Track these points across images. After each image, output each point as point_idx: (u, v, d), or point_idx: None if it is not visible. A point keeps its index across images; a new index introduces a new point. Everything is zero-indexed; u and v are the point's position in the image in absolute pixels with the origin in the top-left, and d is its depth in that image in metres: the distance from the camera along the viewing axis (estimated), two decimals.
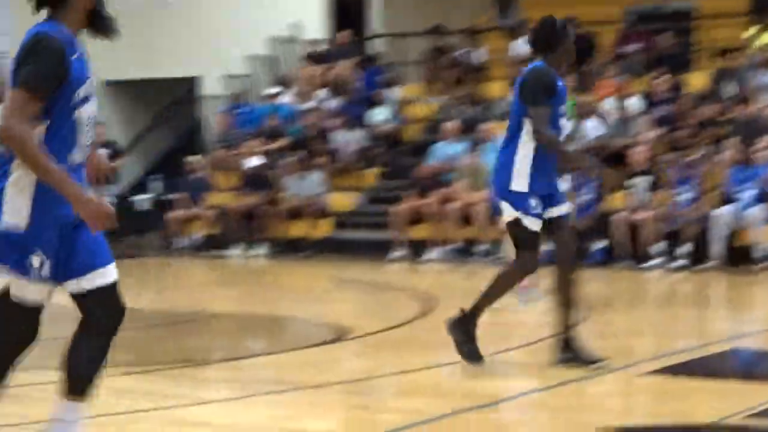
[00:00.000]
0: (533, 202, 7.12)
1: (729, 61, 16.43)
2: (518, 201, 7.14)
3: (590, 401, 6.85)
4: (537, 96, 7.11)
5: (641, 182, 14.56)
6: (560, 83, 7.28)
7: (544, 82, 7.17)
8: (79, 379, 4.63)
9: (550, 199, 7.26)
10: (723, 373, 7.60)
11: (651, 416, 6.36)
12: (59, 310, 5.05)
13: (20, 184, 4.34)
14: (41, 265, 4.38)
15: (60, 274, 4.45)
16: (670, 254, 14.10)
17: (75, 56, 4.38)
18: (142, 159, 21.60)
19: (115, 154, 19.03)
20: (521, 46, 18.77)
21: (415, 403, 6.64)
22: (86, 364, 4.61)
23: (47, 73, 4.21)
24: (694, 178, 14.25)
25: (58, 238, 4.40)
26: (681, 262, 13.93)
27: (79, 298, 4.50)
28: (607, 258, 14.38)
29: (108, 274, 4.49)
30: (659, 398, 6.81)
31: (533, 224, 7.13)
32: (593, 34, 18.56)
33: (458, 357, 7.47)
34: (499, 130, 16.44)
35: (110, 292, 4.52)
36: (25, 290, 4.54)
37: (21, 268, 4.43)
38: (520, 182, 7.11)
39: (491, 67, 19.46)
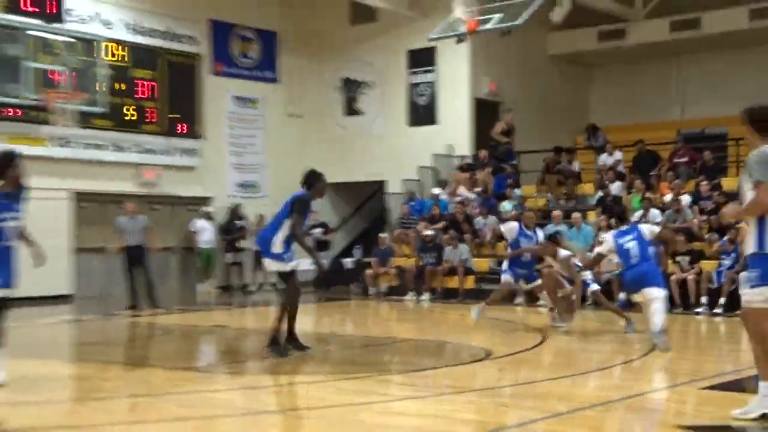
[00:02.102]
0: (290, 254, 8.82)
1: None
2: (281, 257, 8.71)
3: None
4: (299, 210, 8.78)
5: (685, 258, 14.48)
6: (309, 211, 9.19)
7: (306, 204, 8.89)
8: None
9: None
10: None
11: None
12: None
13: None
14: None
15: None
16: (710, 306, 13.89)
17: None
18: (348, 235, 21.88)
19: (328, 231, 19.75)
20: (604, 160, 18.85)
21: (541, 404, 6.57)
22: None
23: None
24: (731, 251, 14.04)
25: None
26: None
27: None
28: None
29: None
30: None
31: (293, 266, 8.81)
32: (656, 152, 18.49)
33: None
34: (585, 218, 16.61)
35: None
36: None
37: None
38: (279, 247, 8.67)
39: (583, 174, 19.44)
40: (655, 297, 9.24)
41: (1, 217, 7.29)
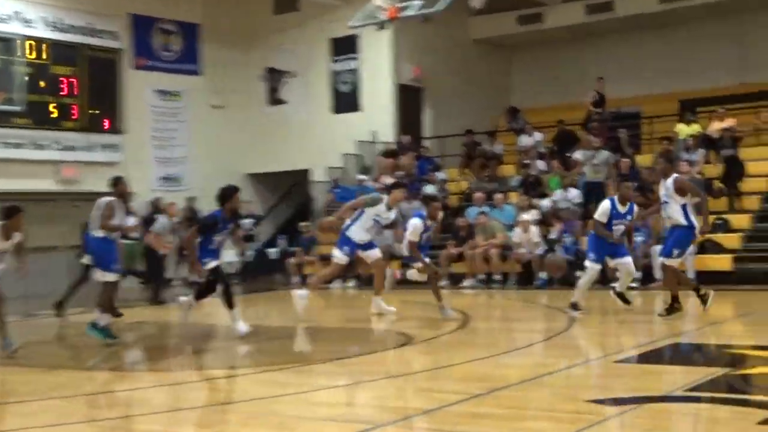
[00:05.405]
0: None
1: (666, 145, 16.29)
2: None
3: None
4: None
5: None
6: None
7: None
8: None
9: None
10: None
11: None
12: None
13: None
14: None
15: None
16: None
17: None
18: (273, 224, 21.70)
19: (257, 221, 19.58)
20: (524, 141, 19.08)
21: (461, 386, 6.50)
22: None
23: None
24: (646, 226, 14.23)
25: None
26: None
27: None
28: None
29: None
30: None
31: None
32: (574, 132, 18.76)
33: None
34: (507, 199, 16.83)
35: None
36: None
37: None
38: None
39: (505, 155, 19.63)
40: None
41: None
